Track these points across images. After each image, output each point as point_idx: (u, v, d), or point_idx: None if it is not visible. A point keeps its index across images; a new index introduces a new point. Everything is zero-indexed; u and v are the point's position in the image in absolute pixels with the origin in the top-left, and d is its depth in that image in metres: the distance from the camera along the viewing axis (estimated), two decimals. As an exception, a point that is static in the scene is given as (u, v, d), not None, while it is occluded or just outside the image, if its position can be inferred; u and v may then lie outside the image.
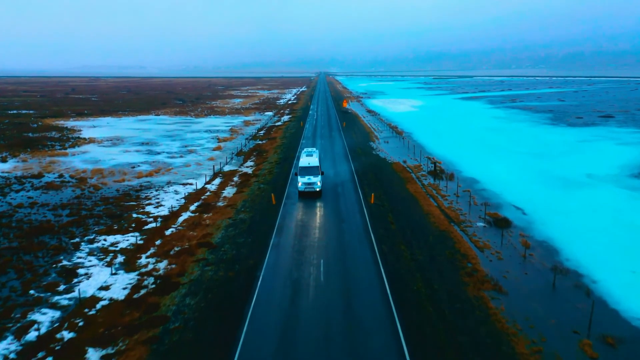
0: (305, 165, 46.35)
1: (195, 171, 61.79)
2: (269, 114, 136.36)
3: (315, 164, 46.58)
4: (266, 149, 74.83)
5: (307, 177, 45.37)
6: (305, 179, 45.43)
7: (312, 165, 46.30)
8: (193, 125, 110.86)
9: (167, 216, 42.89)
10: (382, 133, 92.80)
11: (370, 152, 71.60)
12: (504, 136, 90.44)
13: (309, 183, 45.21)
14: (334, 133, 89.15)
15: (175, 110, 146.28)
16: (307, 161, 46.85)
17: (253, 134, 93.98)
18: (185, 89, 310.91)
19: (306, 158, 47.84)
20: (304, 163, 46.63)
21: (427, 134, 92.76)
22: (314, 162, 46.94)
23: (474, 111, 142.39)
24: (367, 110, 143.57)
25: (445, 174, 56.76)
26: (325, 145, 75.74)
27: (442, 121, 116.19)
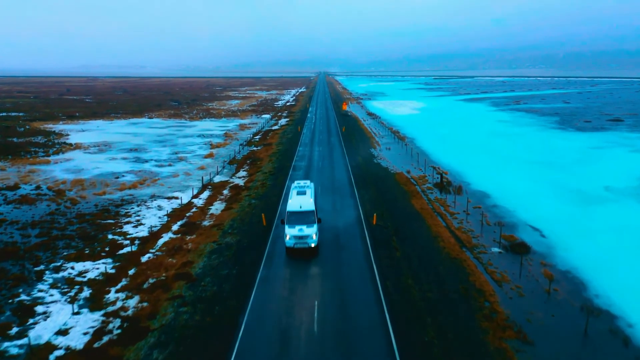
0: (296, 209, 33.23)
1: (183, 182, 57.48)
2: (266, 117, 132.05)
3: (309, 208, 33.49)
4: (261, 156, 70.51)
5: (298, 228, 32.12)
6: (294, 230, 32.09)
7: (305, 210, 33.20)
8: (186, 129, 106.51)
9: (145, 238, 38.59)
10: (383, 138, 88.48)
11: (372, 160, 67.29)
12: (510, 142, 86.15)
13: (301, 237, 31.92)
14: (332, 139, 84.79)
15: (169, 113, 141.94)
16: (298, 203, 33.93)
17: (248, 139, 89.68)
18: (182, 89, 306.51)
19: (297, 199, 34.70)
20: (294, 206, 33.64)
21: (430, 139, 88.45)
22: (308, 204, 33.86)
23: (477, 114, 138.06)
24: (367, 113, 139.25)
25: (453, 186, 52.47)
26: (324, 152, 71.42)
27: (445, 125, 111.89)
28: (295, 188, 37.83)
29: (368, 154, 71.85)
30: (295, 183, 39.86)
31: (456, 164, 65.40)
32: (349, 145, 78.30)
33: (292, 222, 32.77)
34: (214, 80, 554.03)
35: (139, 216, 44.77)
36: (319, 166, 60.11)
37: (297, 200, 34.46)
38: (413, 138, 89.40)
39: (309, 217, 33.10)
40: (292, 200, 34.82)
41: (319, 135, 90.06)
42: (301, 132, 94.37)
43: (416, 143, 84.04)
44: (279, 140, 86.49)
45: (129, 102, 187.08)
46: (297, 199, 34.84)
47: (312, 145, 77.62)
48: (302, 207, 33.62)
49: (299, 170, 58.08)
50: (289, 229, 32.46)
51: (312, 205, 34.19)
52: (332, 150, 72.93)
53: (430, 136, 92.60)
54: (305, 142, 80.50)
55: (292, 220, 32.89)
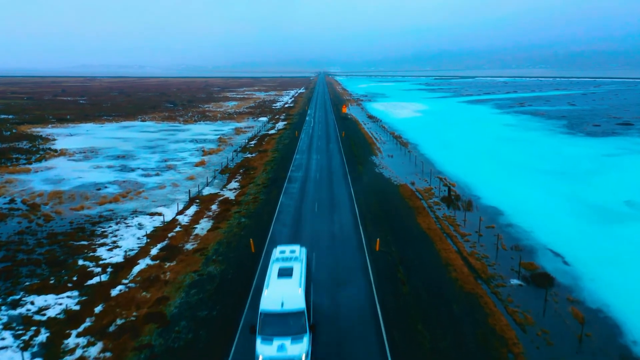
0: (275, 309, 20.83)
1: (169, 195, 53.25)
2: (263, 120, 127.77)
3: (296, 306, 20.94)
4: (255, 165, 66.25)
5: (278, 345, 19.86)
6: (271, 348, 19.80)
7: (290, 312, 20.80)
8: (179, 133, 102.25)
9: (119, 264, 34.38)
10: (385, 144, 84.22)
11: (373, 169, 63.05)
12: (519, 148, 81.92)
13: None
14: (331, 145, 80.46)
15: (163, 115, 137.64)
16: (279, 294, 21.31)
17: (243, 145, 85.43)
18: (180, 90, 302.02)
19: (277, 286, 22.05)
20: (272, 300, 21.15)
21: (434, 145, 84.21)
22: (294, 297, 21.23)
23: (482, 117, 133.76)
24: (367, 116, 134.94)
25: (462, 201, 48.24)
26: (322, 161, 67.09)
27: (449, 129, 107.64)
28: (277, 261, 24.48)
29: (369, 162, 67.60)
30: (278, 251, 26.02)
31: (464, 174, 61.16)
32: (349, 153, 74.04)
33: (268, 332, 20.17)
34: (213, 80, 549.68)
35: (116, 236, 40.55)
36: (316, 178, 55.74)
37: (277, 289, 21.61)
38: (416, 144, 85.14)
39: (296, 322, 20.38)
40: (269, 289, 21.85)
41: (317, 141, 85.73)
42: (299, 137, 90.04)
43: (420, 150, 79.80)
44: (275, 146, 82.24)
45: (124, 103, 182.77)
46: (277, 286, 21.96)
47: (310, 152, 73.28)
48: (286, 303, 20.77)
49: (295, 182, 53.71)
50: (263, 345, 19.84)
51: (300, 299, 21.00)
52: (330, 158, 68.61)
53: (434, 142, 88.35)
54: (302, 149, 76.17)
55: (267, 329, 20.26)
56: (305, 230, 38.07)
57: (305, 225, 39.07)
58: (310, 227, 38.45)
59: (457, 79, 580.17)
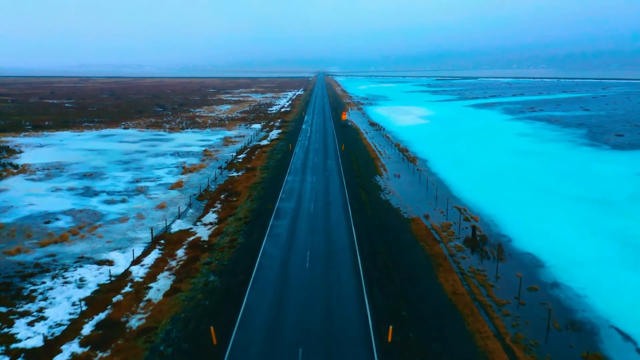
0: None
1: (131, 232, 43.73)
2: (256, 128, 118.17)
3: None
4: (239, 189, 56.66)
5: None
6: None
7: None
8: (162, 144, 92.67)
9: (35, 352, 24.94)
10: (390, 160, 74.67)
11: (378, 195, 53.51)
12: (541, 165, 72.40)
13: None
14: (330, 162, 70.75)
15: (149, 122, 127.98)
16: None
17: (229, 161, 75.89)
18: (173, 91, 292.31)
19: None
20: None
21: (445, 161, 74.67)
22: None
23: (492, 125, 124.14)
24: (369, 123, 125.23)
25: (490, 245, 38.80)
26: (317, 185, 57.38)
27: (459, 140, 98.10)
28: None
29: (373, 185, 58.05)
30: None
31: (484, 201, 51.64)
32: (349, 173, 64.48)
33: None
34: (209, 80, 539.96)
35: (46, 300, 31.13)
36: (310, 211, 45.83)
37: None
38: (425, 159, 75.58)
39: None
40: None
41: (313, 156, 75.97)
42: (293, 151, 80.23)
43: (430, 166, 70.28)
44: (265, 162, 72.65)
45: (111, 107, 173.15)
46: None
47: (304, 172, 63.51)
48: None
49: (283, 219, 43.74)
50: None
51: None
52: (328, 181, 58.86)
53: (445, 156, 78.79)
54: (296, 168, 66.38)
55: None
56: (290, 307, 27.54)
57: (290, 296, 28.84)
58: (296, 301, 28.19)
59: (459, 79, 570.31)
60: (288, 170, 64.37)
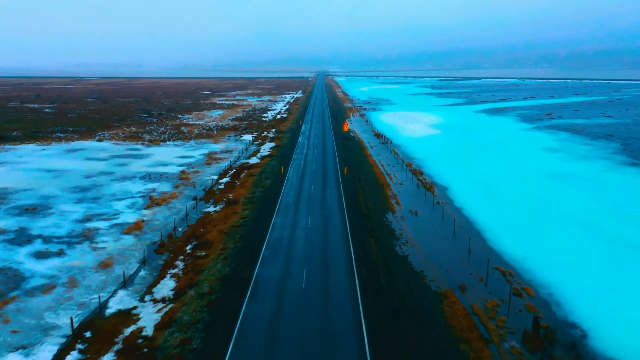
0: None
1: (50, 313, 31.14)
2: (247, 139, 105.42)
3: None
4: (212, 237, 43.91)
5: None
6: None
7: None
8: (134, 162, 79.93)
9: None
10: (402, 187, 61.95)
11: (393, 249, 40.82)
12: (585, 195, 59.74)
13: None
14: (329, 193, 57.87)
15: (129, 132, 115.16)
16: None
17: (208, 187, 63.20)
18: (166, 93, 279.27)
19: None
20: None
21: (469, 189, 61.95)
22: None
23: (511, 136, 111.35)
24: (374, 134, 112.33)
25: (560, 344, 26.16)
26: (313, 233, 44.40)
27: (479, 158, 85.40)
28: None
29: (386, 229, 45.33)
30: None
31: (535, 259, 39.01)
32: (354, 209, 51.74)
33: None
34: (206, 81, 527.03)
35: None
36: (302, 287, 32.04)
37: None
38: (444, 186, 62.84)
39: None
40: None
41: (309, 184, 62.98)
42: (285, 175, 67.18)
43: (451, 197, 57.59)
44: (250, 191, 59.88)
45: (93, 113, 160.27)
46: None
47: (297, 211, 50.48)
48: None
49: (262, 302, 30.09)
50: None
51: None
52: (327, 226, 45.77)
53: (467, 181, 66.09)
54: (286, 204, 53.32)
55: None
56: None
57: None
58: None
59: (463, 80, 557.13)
60: (277, 207, 51.44)
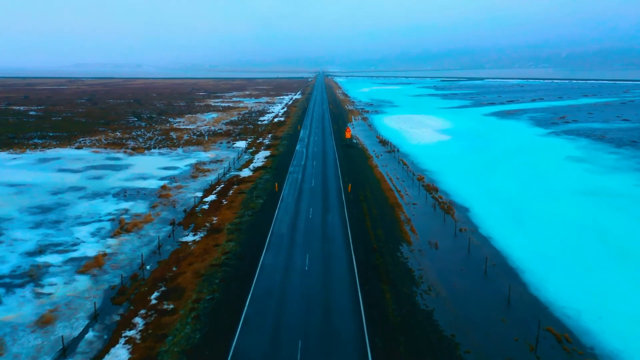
0: None
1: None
2: (240, 147, 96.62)
3: None
4: (185, 281, 35.09)
5: None
6: None
7: None
8: (111, 175, 71.12)
9: None
10: (416, 208, 53.11)
11: (414, 301, 32.05)
12: (626, 216, 51.13)
13: None
14: (331, 218, 48.98)
15: (112, 138, 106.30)
16: None
17: (190, 208, 54.40)
18: (160, 95, 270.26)
19: None
20: None
21: (494, 211, 53.10)
22: None
23: (528, 142, 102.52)
24: (379, 141, 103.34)
25: None
26: (311, 280, 35.16)
27: (498, 169, 76.63)
28: None
29: (402, 270, 36.52)
30: None
31: (589, 311, 30.41)
32: (362, 240, 42.96)
33: None
34: (203, 82, 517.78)
35: None
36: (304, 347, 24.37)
37: None
38: (465, 207, 54.00)
39: None
40: None
41: (307, 206, 53.90)
42: (280, 194, 58.15)
43: (475, 222, 48.78)
44: (238, 215, 51.03)
45: (80, 116, 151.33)
46: None
47: (293, 245, 41.41)
48: None
49: None
50: None
51: None
52: (329, 267, 36.99)
53: (490, 200, 57.25)
54: (280, 233, 44.28)
55: None
56: None
57: None
58: None
59: (465, 80, 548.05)
60: (268, 239, 42.49)
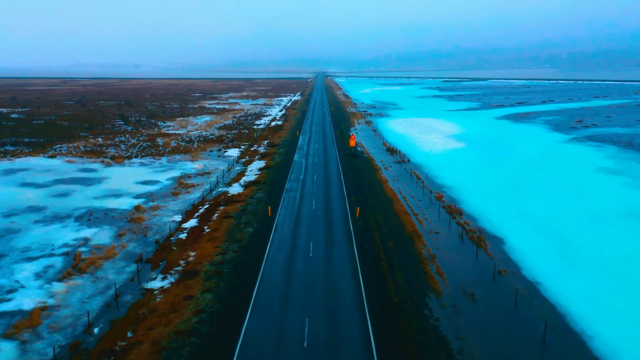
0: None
1: None
2: (232, 156, 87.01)
3: None
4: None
5: None
6: None
7: None
8: (80, 191, 61.47)
9: None
10: (439, 238, 43.51)
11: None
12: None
13: None
14: (336, 255, 39.34)
15: (92, 145, 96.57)
16: None
17: (163, 238, 44.78)
18: (154, 96, 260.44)
19: None
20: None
21: (534, 242, 43.58)
22: None
23: (551, 151, 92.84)
24: (386, 149, 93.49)
25: None
26: (314, 356, 26.52)
27: (526, 185, 67.01)
28: None
29: (433, 344, 26.97)
30: None
31: None
32: (377, 295, 33.39)
33: None
34: (200, 82, 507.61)
35: None
36: None
37: None
38: (499, 237, 44.38)
39: None
40: None
41: (307, 238, 43.87)
42: (274, 222, 48.19)
43: (515, 259, 39.23)
44: (221, 250, 41.42)
45: (62, 119, 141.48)
46: None
47: (287, 299, 31.34)
48: None
49: None
50: None
51: None
52: (335, 339, 27.58)
53: (526, 226, 47.66)
54: (271, 281, 34.47)
55: None
56: None
57: None
58: None
59: (468, 81, 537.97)
60: (255, 292, 32.66)
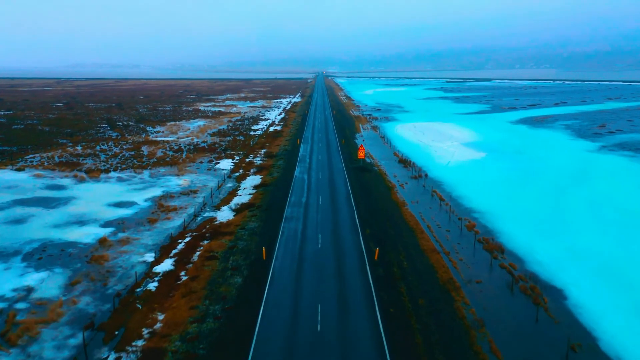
0: None
1: None
2: (224, 169, 77.01)
3: None
4: None
5: None
6: None
7: None
8: (39, 216, 51.47)
9: None
10: (482, 290, 33.53)
11: None
12: None
13: None
14: (352, 329, 29.26)
15: (68, 154, 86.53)
16: None
17: (128, 288, 34.85)
18: (147, 97, 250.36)
19: None
20: None
21: (603, 292, 33.86)
22: None
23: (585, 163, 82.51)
24: (398, 160, 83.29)
25: None
26: None
27: (570, 209, 56.89)
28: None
29: None
30: None
31: None
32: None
33: None
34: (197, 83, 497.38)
35: None
36: None
37: None
38: (558, 289, 34.41)
39: None
40: None
41: (313, 296, 33.10)
42: (270, 267, 38.04)
43: (587, 326, 29.36)
44: (199, 311, 31.48)
45: (44, 124, 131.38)
46: None
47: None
48: None
49: None
50: None
51: None
52: None
53: (589, 270, 37.82)
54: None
55: None
56: None
57: None
58: None
59: (472, 81, 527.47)
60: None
